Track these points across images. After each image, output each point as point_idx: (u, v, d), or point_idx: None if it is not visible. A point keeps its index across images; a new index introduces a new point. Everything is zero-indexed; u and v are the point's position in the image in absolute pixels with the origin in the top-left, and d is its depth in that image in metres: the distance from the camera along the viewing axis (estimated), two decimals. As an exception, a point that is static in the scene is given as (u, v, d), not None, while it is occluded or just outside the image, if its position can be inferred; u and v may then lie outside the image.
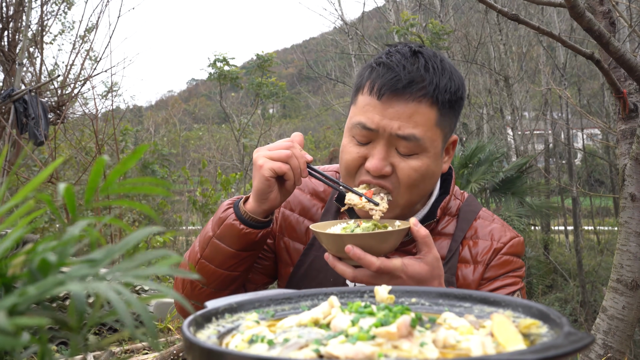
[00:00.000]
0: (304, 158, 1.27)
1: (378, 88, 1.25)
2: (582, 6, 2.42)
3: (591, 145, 18.29)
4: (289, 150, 1.25)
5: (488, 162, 8.30)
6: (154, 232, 0.49)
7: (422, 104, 1.24)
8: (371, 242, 1.11)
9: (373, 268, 1.09)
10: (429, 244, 1.16)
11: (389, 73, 1.25)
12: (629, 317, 2.94)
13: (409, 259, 1.15)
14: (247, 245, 1.29)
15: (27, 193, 0.47)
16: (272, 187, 1.25)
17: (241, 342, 0.61)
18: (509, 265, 1.38)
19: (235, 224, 1.28)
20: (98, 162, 0.49)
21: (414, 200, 1.33)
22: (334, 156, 18.75)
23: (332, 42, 17.49)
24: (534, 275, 9.65)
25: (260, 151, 1.27)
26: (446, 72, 1.28)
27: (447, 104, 1.27)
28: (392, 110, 1.24)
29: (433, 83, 1.25)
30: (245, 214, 1.28)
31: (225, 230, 1.29)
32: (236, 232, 1.28)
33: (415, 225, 1.16)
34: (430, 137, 1.26)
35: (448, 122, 1.31)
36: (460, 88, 1.31)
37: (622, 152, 3.07)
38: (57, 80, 6.90)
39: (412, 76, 1.24)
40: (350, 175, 1.31)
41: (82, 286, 0.41)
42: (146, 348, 3.52)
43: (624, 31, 5.60)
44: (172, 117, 22.09)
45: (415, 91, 1.23)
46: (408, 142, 1.24)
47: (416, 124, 1.24)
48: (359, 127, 1.27)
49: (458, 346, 0.59)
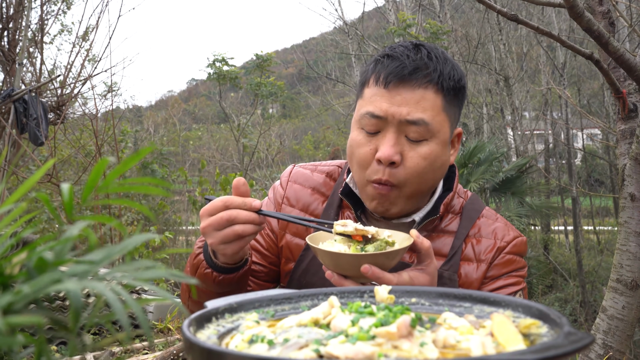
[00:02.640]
0: (248, 211, 1.17)
1: (384, 77, 1.27)
2: (581, 6, 2.42)
3: (591, 145, 18.30)
4: (227, 215, 1.16)
5: (488, 162, 8.31)
6: (152, 238, 0.49)
7: (429, 90, 1.26)
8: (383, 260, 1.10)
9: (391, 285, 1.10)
10: (431, 254, 1.16)
11: (394, 62, 1.27)
12: (629, 317, 2.94)
13: (413, 271, 1.15)
14: (227, 286, 1.27)
15: (22, 193, 0.47)
16: (234, 249, 1.19)
17: (241, 342, 0.61)
18: (512, 264, 1.38)
19: (208, 273, 1.25)
20: (100, 162, 0.49)
21: (421, 190, 1.32)
22: (334, 155, 18.78)
23: (332, 42, 17.48)
24: (534, 275, 9.65)
25: (202, 220, 1.18)
26: (448, 61, 1.31)
27: (452, 91, 1.29)
28: (400, 97, 1.25)
29: (437, 70, 1.27)
30: (217, 264, 1.25)
31: (201, 278, 1.27)
32: (211, 280, 1.26)
33: (418, 237, 1.15)
34: (439, 122, 1.28)
35: (453, 111, 1.32)
36: (462, 78, 1.33)
37: (622, 152, 3.07)
38: (57, 80, 6.90)
39: (416, 64, 1.26)
40: (362, 170, 1.31)
41: (79, 285, 0.41)
42: (146, 348, 3.52)
43: (623, 31, 5.60)
44: (171, 117, 22.09)
45: (420, 77, 1.26)
46: (418, 127, 1.25)
47: (424, 109, 1.25)
48: (368, 116, 1.27)
49: (458, 346, 0.59)
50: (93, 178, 0.49)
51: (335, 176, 1.50)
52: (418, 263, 1.17)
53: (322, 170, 1.52)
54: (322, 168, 1.53)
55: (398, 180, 1.28)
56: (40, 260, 0.44)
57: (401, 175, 1.28)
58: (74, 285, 0.41)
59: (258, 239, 1.47)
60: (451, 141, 1.38)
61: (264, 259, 1.46)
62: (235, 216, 1.16)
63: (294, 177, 1.51)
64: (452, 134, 1.36)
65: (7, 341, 0.38)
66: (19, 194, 0.48)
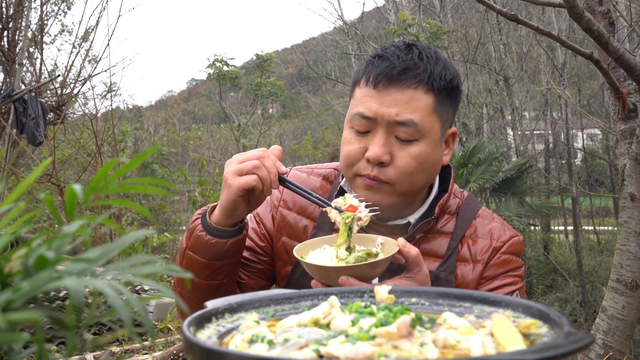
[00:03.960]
0: (275, 169, 1.25)
1: (374, 77, 1.27)
2: (581, 6, 2.42)
3: (591, 145, 18.30)
4: (259, 160, 1.23)
5: (488, 161, 8.30)
6: (148, 234, 0.48)
7: (418, 90, 1.26)
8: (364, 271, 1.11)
9: None
10: (419, 262, 1.16)
11: (384, 63, 1.27)
12: (629, 317, 2.94)
13: (400, 279, 1.16)
14: (216, 255, 1.28)
15: (21, 192, 0.47)
16: (238, 205, 1.24)
17: (241, 342, 0.61)
18: (508, 264, 1.38)
19: (202, 235, 1.27)
20: (109, 162, 0.49)
21: (413, 189, 1.32)
22: (334, 155, 18.77)
23: (332, 42, 17.48)
24: (534, 275, 9.65)
25: (230, 165, 1.25)
26: (440, 61, 1.30)
27: (443, 91, 1.29)
28: (389, 97, 1.26)
29: (427, 70, 1.27)
30: (211, 225, 1.27)
31: (194, 241, 1.29)
32: (203, 243, 1.27)
33: (405, 246, 1.15)
34: (429, 123, 1.27)
35: (445, 111, 1.32)
36: (455, 77, 1.32)
37: (622, 152, 3.07)
38: (57, 80, 6.90)
39: (406, 64, 1.26)
40: (350, 167, 1.32)
41: (79, 282, 0.41)
42: (146, 348, 3.52)
43: (623, 31, 5.60)
44: (171, 117, 22.09)
45: (410, 78, 1.26)
46: (407, 128, 1.26)
47: (414, 110, 1.25)
48: (358, 117, 1.28)
49: (458, 346, 0.59)
50: (98, 178, 0.48)
51: (331, 179, 1.51)
52: (407, 271, 1.17)
53: (319, 173, 1.53)
54: (319, 171, 1.53)
55: (388, 178, 1.28)
56: (39, 258, 0.44)
57: (391, 174, 1.28)
58: (74, 282, 0.41)
59: (253, 238, 1.48)
60: (445, 140, 1.37)
61: (257, 257, 1.47)
62: (261, 166, 1.22)
63: (290, 179, 1.51)
64: (445, 133, 1.36)
65: (6, 338, 0.38)
66: (18, 193, 0.48)
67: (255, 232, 1.48)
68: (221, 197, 1.26)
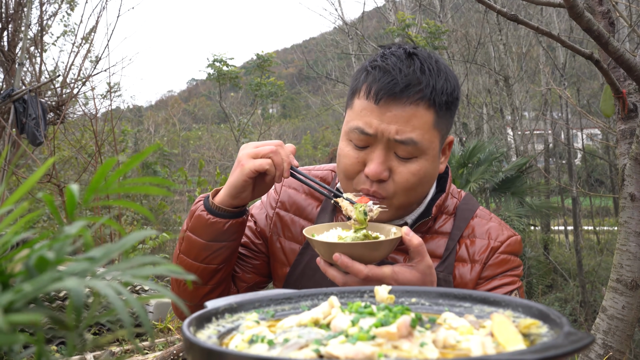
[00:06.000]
0: (289, 159, 1.29)
1: (375, 92, 1.24)
2: (581, 6, 2.42)
3: (591, 145, 18.29)
4: (275, 147, 1.27)
5: (487, 161, 8.31)
6: (149, 235, 0.48)
7: (420, 107, 1.24)
8: (362, 250, 1.11)
9: (361, 276, 1.10)
10: (421, 252, 1.16)
11: (385, 77, 1.24)
12: (629, 317, 2.94)
13: (400, 266, 1.15)
14: (215, 235, 1.30)
15: (23, 193, 0.47)
16: (246, 187, 1.27)
17: (241, 342, 0.61)
18: (506, 264, 1.38)
19: (202, 214, 1.31)
20: (107, 161, 0.49)
21: (410, 202, 1.33)
22: (334, 155, 18.78)
23: (332, 42, 17.47)
24: (534, 275, 9.65)
25: (246, 148, 1.28)
26: (442, 73, 1.28)
27: (444, 105, 1.27)
28: (390, 114, 1.23)
29: (430, 85, 1.25)
30: (213, 205, 1.30)
31: (195, 221, 1.32)
32: (203, 222, 1.30)
33: (408, 235, 1.14)
34: (429, 140, 1.26)
35: (445, 124, 1.31)
36: (455, 89, 1.31)
37: (622, 152, 3.07)
38: (57, 80, 6.90)
39: (408, 79, 1.23)
40: (349, 180, 1.31)
41: (80, 282, 0.41)
42: (146, 348, 3.52)
43: (623, 31, 5.60)
44: (171, 117, 22.09)
45: (412, 94, 1.23)
46: (406, 146, 1.24)
47: (414, 128, 1.24)
48: (357, 132, 1.26)
49: (458, 346, 0.59)
50: (98, 178, 0.48)
51: (328, 180, 1.51)
52: (409, 260, 1.18)
53: (316, 175, 1.53)
54: (316, 173, 1.54)
55: (387, 193, 1.28)
56: (41, 258, 0.44)
57: (390, 189, 1.28)
58: (75, 283, 0.41)
59: (249, 235, 1.49)
60: (442, 149, 1.37)
61: (252, 253, 1.49)
62: (278, 152, 1.26)
63: (288, 181, 1.52)
64: (444, 143, 1.36)
65: (7, 339, 0.38)
66: (19, 194, 0.48)
67: (251, 229, 1.50)
68: (231, 177, 1.27)
